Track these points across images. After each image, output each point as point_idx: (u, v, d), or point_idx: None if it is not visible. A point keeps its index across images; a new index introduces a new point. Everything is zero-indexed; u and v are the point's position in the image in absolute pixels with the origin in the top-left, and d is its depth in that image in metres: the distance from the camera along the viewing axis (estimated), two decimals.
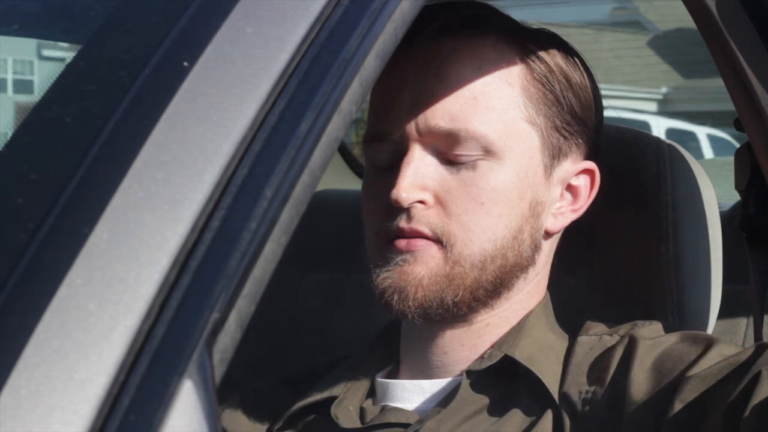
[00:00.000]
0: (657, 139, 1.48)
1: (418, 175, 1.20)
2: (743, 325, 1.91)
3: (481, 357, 1.25)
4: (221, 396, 0.75)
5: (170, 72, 0.79)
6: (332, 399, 1.30)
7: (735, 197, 1.68)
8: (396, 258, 1.21)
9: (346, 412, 1.28)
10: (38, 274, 0.70)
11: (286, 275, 1.55)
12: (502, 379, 1.24)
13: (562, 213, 1.29)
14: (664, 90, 21.91)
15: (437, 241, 1.20)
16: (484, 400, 1.23)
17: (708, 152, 12.10)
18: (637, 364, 1.21)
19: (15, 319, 0.69)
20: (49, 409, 0.66)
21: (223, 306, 0.73)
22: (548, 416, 1.21)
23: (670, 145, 1.47)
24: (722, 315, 1.53)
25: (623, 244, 1.46)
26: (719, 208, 1.50)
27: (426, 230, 1.20)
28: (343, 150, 3.19)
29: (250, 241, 0.75)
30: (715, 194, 1.50)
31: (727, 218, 1.91)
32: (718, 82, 1.46)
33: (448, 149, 1.21)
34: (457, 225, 1.21)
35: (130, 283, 0.71)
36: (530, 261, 1.27)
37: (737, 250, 1.56)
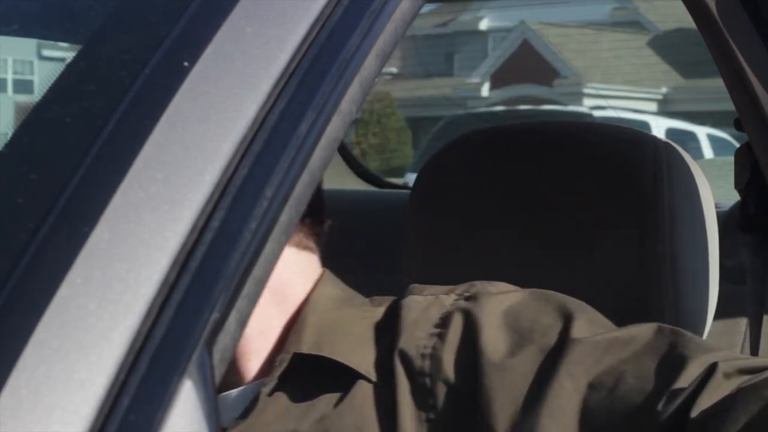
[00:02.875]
0: (654, 138, 1.48)
1: None
2: (743, 325, 1.91)
3: (272, 364, 1.23)
4: None
5: (170, 72, 0.79)
6: None
7: (735, 197, 1.68)
8: None
9: None
10: (38, 273, 0.70)
11: None
12: (305, 375, 1.22)
13: None
14: (664, 90, 21.94)
15: None
16: (286, 402, 1.21)
17: (708, 152, 12.11)
18: (487, 321, 1.18)
19: (15, 319, 0.69)
20: (49, 409, 0.66)
21: (223, 306, 0.73)
22: (361, 387, 1.19)
23: (667, 144, 1.48)
24: (722, 315, 1.53)
25: (620, 244, 1.46)
26: (719, 208, 1.50)
27: None
28: (343, 150, 3.19)
29: (250, 241, 0.75)
30: (715, 194, 1.50)
31: (726, 218, 1.91)
32: (718, 82, 1.46)
33: None
34: None
35: (130, 283, 0.71)
36: None
37: (738, 250, 1.56)
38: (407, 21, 0.91)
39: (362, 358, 1.21)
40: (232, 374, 1.25)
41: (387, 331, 1.22)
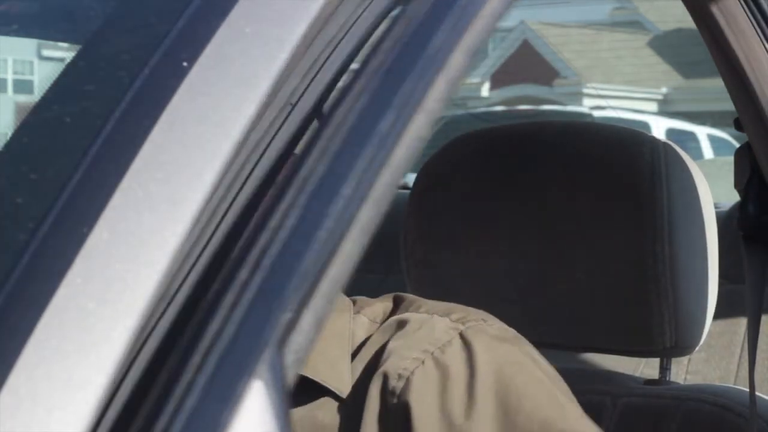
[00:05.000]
0: (652, 138, 1.49)
1: None
2: (743, 325, 1.91)
3: None
4: None
5: (170, 72, 0.79)
6: None
7: (735, 197, 1.68)
8: None
9: None
10: (38, 273, 0.70)
11: None
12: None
13: None
14: (664, 90, 21.94)
15: None
16: None
17: (708, 152, 12.11)
18: (479, 382, 1.11)
19: (14, 319, 0.69)
20: (48, 409, 0.66)
21: (297, 306, 0.72)
22: (330, 403, 1.15)
23: (665, 144, 1.48)
24: (722, 315, 1.53)
25: (619, 244, 1.46)
26: (719, 208, 1.50)
27: None
28: None
29: (325, 240, 0.74)
30: (715, 194, 1.50)
31: (726, 218, 1.91)
32: (718, 82, 1.46)
33: None
34: None
35: (130, 283, 0.71)
36: None
37: (738, 250, 1.56)
38: (497, 17, 0.88)
39: (337, 376, 1.16)
40: None
41: (372, 348, 1.18)
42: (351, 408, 1.15)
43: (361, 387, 1.15)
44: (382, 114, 0.79)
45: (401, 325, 1.18)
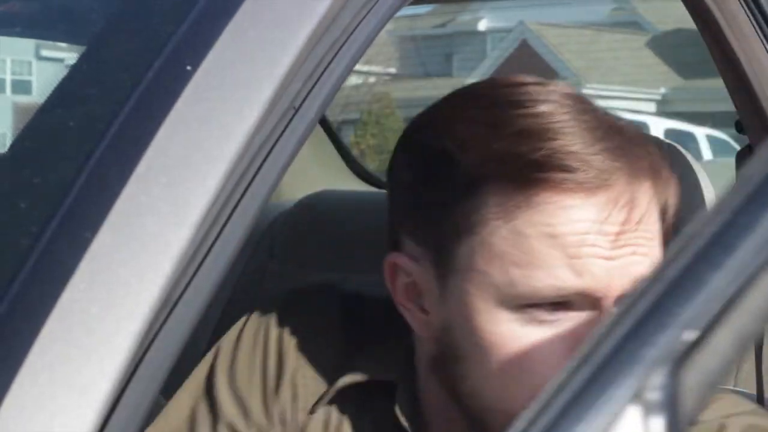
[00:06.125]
0: (656, 139, 1.48)
1: None
2: None
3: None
4: None
5: (173, 75, 0.79)
6: (389, 384, 1.10)
7: None
8: None
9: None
10: (41, 278, 0.70)
11: (287, 275, 1.55)
12: None
13: None
14: (662, 90, 21.93)
15: None
16: None
17: (707, 153, 12.12)
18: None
19: (18, 324, 0.69)
20: (51, 414, 0.66)
21: (707, 322, 0.62)
22: None
23: (669, 145, 1.47)
24: None
25: None
26: None
27: None
28: (343, 150, 3.18)
29: (756, 250, 0.64)
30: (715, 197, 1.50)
31: None
32: (718, 83, 1.46)
33: None
34: None
35: (134, 288, 0.71)
36: None
37: None
38: None
39: None
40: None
41: None
42: None
43: None
44: None
45: None
